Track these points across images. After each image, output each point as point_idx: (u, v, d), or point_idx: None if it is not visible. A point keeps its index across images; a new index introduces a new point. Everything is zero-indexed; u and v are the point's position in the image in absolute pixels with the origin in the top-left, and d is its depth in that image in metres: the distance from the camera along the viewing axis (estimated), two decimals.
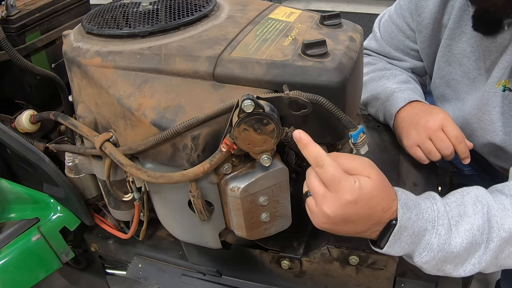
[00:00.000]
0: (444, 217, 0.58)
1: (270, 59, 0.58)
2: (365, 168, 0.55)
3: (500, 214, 0.59)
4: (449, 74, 0.89)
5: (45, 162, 0.76)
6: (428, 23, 0.89)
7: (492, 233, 0.58)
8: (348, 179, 0.54)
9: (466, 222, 0.58)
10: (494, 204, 0.60)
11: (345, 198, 0.53)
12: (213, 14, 0.70)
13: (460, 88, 0.89)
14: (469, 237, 0.57)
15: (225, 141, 0.55)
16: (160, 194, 0.67)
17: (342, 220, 0.55)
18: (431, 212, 0.58)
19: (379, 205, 0.55)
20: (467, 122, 0.87)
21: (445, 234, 0.57)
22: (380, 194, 0.55)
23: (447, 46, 0.87)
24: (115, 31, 0.66)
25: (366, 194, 0.54)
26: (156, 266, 0.82)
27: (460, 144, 0.79)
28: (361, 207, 0.54)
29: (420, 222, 0.57)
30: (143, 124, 0.59)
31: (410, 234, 0.56)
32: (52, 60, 0.91)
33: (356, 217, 0.55)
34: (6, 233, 0.78)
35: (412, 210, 0.57)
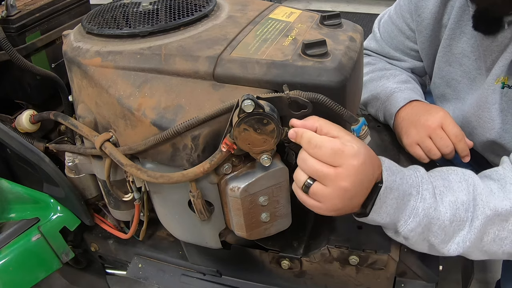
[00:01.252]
0: (428, 182, 0.59)
1: (270, 59, 0.58)
2: (348, 133, 0.56)
3: (486, 194, 0.59)
4: (449, 74, 0.90)
5: (45, 162, 0.76)
6: (428, 23, 0.89)
7: (476, 210, 0.58)
8: (348, 146, 0.53)
9: (451, 195, 0.59)
10: (481, 184, 0.60)
11: (355, 164, 0.53)
12: (213, 14, 0.70)
13: (460, 87, 0.89)
14: (453, 209, 0.58)
15: (225, 141, 0.55)
16: (160, 194, 0.67)
17: (357, 188, 0.54)
18: (415, 178, 0.59)
19: (372, 166, 0.56)
20: (467, 121, 0.87)
21: (430, 198, 0.58)
22: (370, 157, 0.56)
23: (447, 46, 0.87)
24: (115, 31, 0.66)
25: (365, 152, 0.54)
26: (156, 266, 0.82)
27: (460, 142, 0.79)
28: (367, 165, 0.55)
29: (404, 186, 0.57)
30: (143, 124, 0.59)
31: (395, 197, 0.57)
32: (52, 60, 0.91)
33: (366, 178, 0.55)
34: (6, 233, 0.78)
35: (396, 174, 0.57)
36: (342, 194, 0.54)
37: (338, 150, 0.53)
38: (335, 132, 0.54)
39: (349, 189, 0.54)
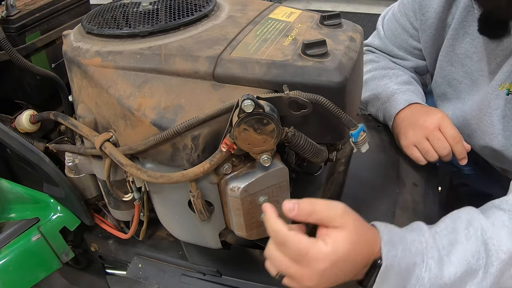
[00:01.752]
0: (433, 248, 0.54)
1: (270, 59, 0.58)
2: (340, 217, 0.51)
3: (497, 236, 0.55)
4: (450, 74, 0.89)
5: (45, 162, 0.76)
6: (432, 23, 0.88)
7: (490, 256, 0.55)
8: (315, 247, 0.50)
9: (459, 250, 0.55)
10: (489, 225, 0.56)
11: (321, 268, 0.50)
12: (213, 14, 0.70)
13: (461, 88, 0.89)
14: (463, 266, 0.54)
15: (225, 141, 0.55)
16: (160, 194, 0.67)
17: (330, 282, 0.52)
18: (419, 244, 0.54)
19: (361, 253, 0.52)
20: (467, 123, 0.87)
21: (435, 267, 0.54)
22: (359, 244, 0.51)
23: (450, 46, 0.86)
24: (115, 31, 0.66)
25: (344, 252, 0.50)
26: (156, 266, 0.82)
27: (457, 144, 0.79)
28: (343, 264, 0.51)
29: (407, 257, 0.53)
30: (143, 124, 0.59)
31: (397, 272, 0.53)
32: (52, 60, 0.91)
33: (343, 273, 0.52)
34: (6, 233, 0.78)
35: (397, 246, 0.53)
36: (322, 284, 0.52)
37: (303, 250, 0.50)
38: (325, 221, 0.51)
39: (323, 282, 0.51)
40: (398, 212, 0.76)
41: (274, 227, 0.52)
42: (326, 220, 0.51)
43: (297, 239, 0.51)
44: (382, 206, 0.78)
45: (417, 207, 0.80)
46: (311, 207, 0.52)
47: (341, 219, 0.51)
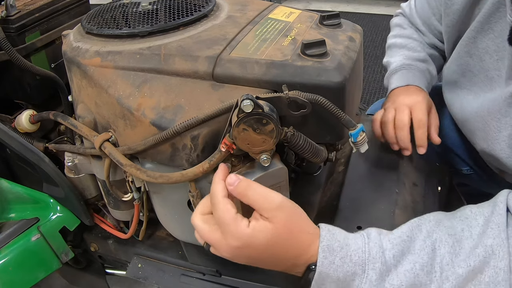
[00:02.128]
0: (376, 259, 0.51)
1: (270, 59, 0.58)
2: (271, 209, 0.50)
3: (457, 249, 0.51)
4: (467, 65, 0.87)
5: (45, 162, 0.76)
6: (458, 9, 0.86)
7: (445, 271, 0.50)
8: (236, 224, 0.50)
9: (409, 261, 0.51)
10: (449, 239, 0.52)
11: (233, 244, 0.50)
12: (213, 14, 0.70)
13: (475, 81, 0.86)
14: (409, 278, 0.50)
15: (225, 141, 0.55)
16: (159, 194, 0.67)
17: (247, 261, 0.52)
18: (362, 253, 0.51)
19: (285, 252, 0.51)
20: (472, 119, 0.86)
21: (377, 279, 0.50)
22: (284, 242, 0.50)
23: (472, 37, 0.83)
24: (115, 31, 0.66)
25: (262, 242, 0.49)
26: (156, 266, 0.82)
27: (419, 129, 0.80)
28: (257, 252, 0.50)
29: (346, 266, 0.50)
30: (142, 124, 0.59)
31: (334, 280, 0.50)
32: (52, 60, 0.91)
33: (259, 259, 0.51)
34: (6, 233, 0.78)
35: (336, 253, 0.51)
36: (236, 259, 0.52)
37: (226, 220, 0.50)
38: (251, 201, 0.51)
39: (234, 259, 0.52)
40: (398, 212, 0.76)
41: (214, 189, 0.52)
42: (257, 207, 0.51)
43: (227, 208, 0.51)
44: (381, 206, 0.77)
45: (417, 207, 0.80)
46: (246, 190, 0.51)
47: (270, 212, 0.50)
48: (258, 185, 0.52)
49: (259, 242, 0.50)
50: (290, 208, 0.52)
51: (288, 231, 0.50)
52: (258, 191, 0.52)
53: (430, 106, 0.87)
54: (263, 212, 0.51)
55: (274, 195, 0.52)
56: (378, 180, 0.83)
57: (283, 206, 0.51)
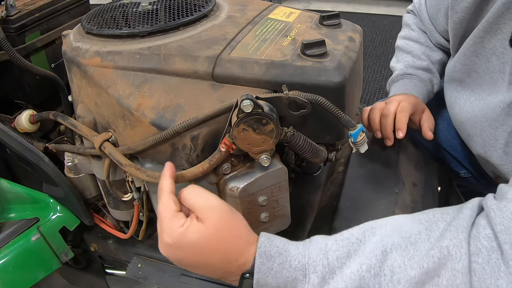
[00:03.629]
0: (316, 262, 0.49)
1: (270, 59, 0.58)
2: (204, 210, 0.50)
3: (410, 251, 0.48)
4: (473, 65, 0.86)
5: (45, 162, 0.76)
6: (467, 6, 0.84)
7: (396, 274, 0.47)
8: (172, 221, 0.50)
9: (355, 263, 0.48)
10: (402, 242, 0.49)
11: (165, 240, 0.50)
12: (213, 14, 0.70)
13: (480, 82, 0.85)
14: (355, 281, 0.47)
15: (224, 141, 0.55)
16: None
17: (175, 260, 0.52)
18: (301, 258, 0.49)
19: (213, 255, 0.50)
20: (471, 123, 0.86)
21: (319, 283, 0.48)
22: (212, 244, 0.49)
23: (480, 37, 0.82)
24: (115, 31, 0.66)
25: (191, 242, 0.49)
26: (156, 266, 0.82)
27: (400, 113, 0.82)
28: (187, 253, 0.50)
29: (286, 271, 0.48)
30: (142, 124, 0.59)
31: (274, 286, 0.48)
32: (52, 60, 0.91)
33: (188, 261, 0.51)
34: (6, 233, 0.78)
35: (274, 259, 0.49)
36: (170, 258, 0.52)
37: (162, 217, 0.51)
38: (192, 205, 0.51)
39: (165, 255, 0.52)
40: (398, 212, 0.76)
41: (161, 184, 0.53)
42: (193, 208, 0.51)
43: (167, 204, 0.51)
44: (381, 206, 0.77)
45: (417, 207, 0.80)
46: (187, 193, 0.52)
47: (204, 213, 0.50)
48: (201, 189, 0.53)
49: (188, 241, 0.49)
50: (225, 213, 0.51)
51: (218, 234, 0.50)
52: (197, 193, 0.52)
53: (423, 108, 0.88)
54: (198, 212, 0.51)
55: (211, 198, 0.52)
56: (378, 180, 0.83)
57: (217, 209, 0.51)
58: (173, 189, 0.53)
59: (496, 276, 0.45)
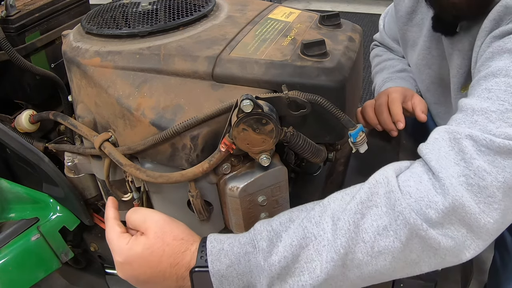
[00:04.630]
0: (262, 230, 0.52)
1: (269, 59, 0.58)
2: (143, 223, 0.54)
3: (346, 197, 0.52)
4: (429, 78, 0.91)
5: (45, 162, 0.76)
6: (401, 16, 0.91)
7: (337, 215, 0.50)
8: (119, 241, 0.55)
9: (298, 221, 0.51)
10: (339, 194, 0.53)
11: (116, 260, 0.55)
12: (212, 14, 0.70)
13: (440, 92, 0.91)
14: (298, 233, 0.49)
15: (224, 141, 0.55)
16: (159, 194, 0.67)
17: (132, 280, 0.55)
18: (248, 234, 0.53)
19: (162, 262, 0.52)
20: None
21: (268, 245, 0.50)
22: (158, 250, 0.52)
23: (427, 48, 0.87)
24: (115, 31, 0.66)
25: (137, 253, 0.52)
26: None
27: (392, 104, 0.84)
28: (138, 267, 0.53)
29: (236, 248, 0.51)
30: (142, 124, 0.59)
31: (229, 264, 0.50)
32: (52, 60, 0.91)
33: (143, 277, 0.53)
34: (6, 233, 0.78)
35: (224, 242, 0.52)
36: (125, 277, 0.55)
37: (109, 239, 0.56)
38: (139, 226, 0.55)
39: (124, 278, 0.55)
40: None
41: (106, 213, 0.60)
42: (133, 225, 0.56)
43: (112, 228, 0.57)
44: None
45: None
46: (129, 215, 0.57)
47: (143, 226, 0.54)
48: (141, 208, 0.59)
49: (135, 254, 0.53)
50: (163, 220, 0.55)
51: (161, 240, 0.53)
52: (136, 211, 0.57)
53: (411, 93, 0.90)
54: (140, 227, 0.55)
55: (149, 212, 0.57)
56: None
57: (155, 219, 0.55)
58: (117, 216, 0.59)
59: (432, 195, 0.48)
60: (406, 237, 0.47)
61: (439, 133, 0.54)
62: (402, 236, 0.47)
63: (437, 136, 0.53)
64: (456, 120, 0.55)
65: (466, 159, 0.49)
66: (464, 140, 0.50)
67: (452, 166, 0.49)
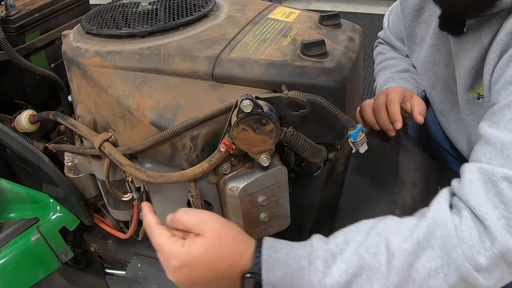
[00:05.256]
0: (319, 248, 0.52)
1: (269, 59, 0.58)
2: (200, 224, 0.52)
3: (401, 228, 0.53)
4: (435, 75, 0.89)
5: (45, 162, 0.76)
6: (409, 13, 0.90)
7: (391, 249, 0.51)
8: (172, 244, 0.52)
9: (354, 246, 0.52)
10: (394, 222, 0.54)
11: (171, 264, 0.52)
12: (212, 14, 0.70)
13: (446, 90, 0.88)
14: (355, 261, 0.51)
15: (224, 141, 0.55)
16: (159, 194, 0.67)
17: (190, 284, 0.53)
18: (304, 248, 0.53)
19: (221, 263, 0.51)
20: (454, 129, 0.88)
21: (322, 265, 0.51)
22: (218, 251, 0.51)
23: (434, 45, 0.86)
24: (115, 31, 0.66)
25: (197, 255, 0.51)
26: (156, 266, 0.82)
27: (390, 105, 0.84)
28: (197, 269, 0.51)
29: (291, 261, 0.51)
30: (142, 124, 0.59)
31: (283, 276, 0.51)
32: (52, 60, 0.91)
33: (201, 279, 0.52)
34: (6, 233, 0.78)
35: (280, 251, 0.52)
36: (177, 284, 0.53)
37: (161, 245, 0.53)
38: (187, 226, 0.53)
39: (177, 282, 0.53)
40: (398, 212, 0.76)
41: (146, 220, 0.56)
42: (189, 228, 0.53)
43: (161, 232, 0.54)
44: (381, 206, 0.77)
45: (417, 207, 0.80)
46: (177, 217, 0.54)
47: (200, 228, 0.52)
48: (189, 209, 0.56)
49: (194, 256, 0.51)
50: (221, 221, 0.54)
51: (219, 241, 0.52)
52: (188, 212, 0.54)
53: (411, 94, 0.90)
54: (194, 229, 0.53)
55: (201, 213, 0.54)
56: (378, 180, 0.83)
57: (210, 220, 0.53)
58: (158, 221, 0.56)
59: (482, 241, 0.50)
60: (455, 281, 0.50)
61: (472, 173, 0.54)
62: (451, 280, 0.50)
63: (471, 178, 0.54)
64: (486, 155, 0.55)
65: (504, 202, 0.50)
66: (500, 183, 0.51)
67: (492, 209, 0.51)
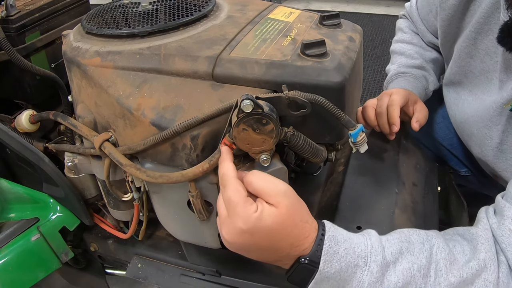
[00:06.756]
0: (378, 253, 0.52)
1: (269, 59, 0.58)
2: (276, 195, 0.50)
3: (451, 258, 0.54)
4: (468, 66, 0.87)
5: (45, 162, 0.76)
6: (454, 4, 0.85)
7: (439, 277, 0.52)
8: (246, 207, 0.49)
9: (407, 260, 0.53)
10: (446, 247, 0.55)
11: (238, 226, 0.49)
12: (213, 14, 0.70)
13: (476, 83, 0.85)
14: (406, 277, 0.52)
15: (224, 141, 0.55)
16: (159, 194, 0.67)
17: (242, 248, 0.52)
18: (364, 247, 0.52)
19: (284, 240, 0.50)
20: (468, 123, 0.86)
21: (377, 271, 0.51)
22: (286, 228, 0.50)
23: (472, 38, 0.83)
24: (115, 31, 0.66)
25: (266, 226, 0.49)
26: (156, 266, 0.82)
27: (390, 107, 0.84)
28: (259, 238, 0.50)
29: (349, 257, 0.51)
30: (142, 124, 0.59)
31: (338, 270, 0.51)
32: (52, 60, 0.91)
33: (256, 247, 0.51)
34: (6, 233, 0.78)
35: (341, 244, 0.52)
36: (225, 242, 0.52)
37: (233, 202, 0.50)
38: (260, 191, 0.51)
39: (229, 242, 0.51)
40: (398, 212, 0.76)
41: (225, 168, 0.53)
42: (263, 194, 0.51)
43: (238, 189, 0.50)
44: (381, 206, 0.77)
45: (417, 207, 0.80)
46: (251, 177, 0.52)
47: (275, 198, 0.50)
48: (266, 174, 0.53)
49: (265, 226, 0.49)
50: (294, 197, 0.52)
51: (291, 218, 0.50)
52: (265, 178, 0.52)
53: (415, 98, 0.90)
54: (269, 198, 0.50)
55: (279, 182, 0.52)
56: (378, 180, 0.84)
57: (288, 194, 0.51)
58: (236, 174, 0.52)
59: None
60: None
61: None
62: None
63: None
64: None
65: None
66: None
67: None
